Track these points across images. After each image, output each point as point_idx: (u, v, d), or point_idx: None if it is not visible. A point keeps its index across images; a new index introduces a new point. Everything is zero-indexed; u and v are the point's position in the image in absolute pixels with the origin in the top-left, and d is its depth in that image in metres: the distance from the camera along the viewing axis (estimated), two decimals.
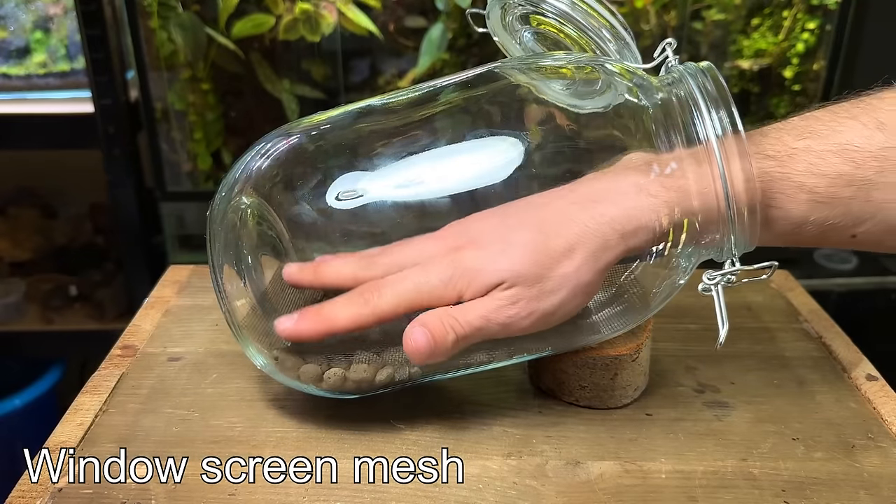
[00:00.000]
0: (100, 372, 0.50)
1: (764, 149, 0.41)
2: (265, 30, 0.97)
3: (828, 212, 0.40)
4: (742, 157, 0.39)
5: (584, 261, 0.40)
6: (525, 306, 0.40)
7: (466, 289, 0.41)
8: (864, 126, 0.40)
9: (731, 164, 0.39)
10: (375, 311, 0.41)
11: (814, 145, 0.40)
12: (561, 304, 0.41)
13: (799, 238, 0.42)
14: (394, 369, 0.43)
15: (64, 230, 1.30)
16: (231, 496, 0.40)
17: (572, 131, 0.44)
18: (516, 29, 0.48)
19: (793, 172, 0.40)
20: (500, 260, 0.40)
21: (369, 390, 0.44)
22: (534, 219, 0.41)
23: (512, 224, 0.42)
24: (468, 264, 0.41)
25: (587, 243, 0.40)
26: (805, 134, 0.41)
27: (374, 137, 0.45)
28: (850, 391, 0.50)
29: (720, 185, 0.39)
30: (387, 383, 0.43)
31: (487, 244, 0.41)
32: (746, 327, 0.56)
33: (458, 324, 0.40)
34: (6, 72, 1.07)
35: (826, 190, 0.40)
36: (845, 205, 0.40)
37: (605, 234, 0.40)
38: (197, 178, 1.05)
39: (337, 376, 0.43)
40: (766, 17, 1.01)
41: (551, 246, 0.40)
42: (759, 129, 0.42)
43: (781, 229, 0.41)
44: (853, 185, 0.39)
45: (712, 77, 0.41)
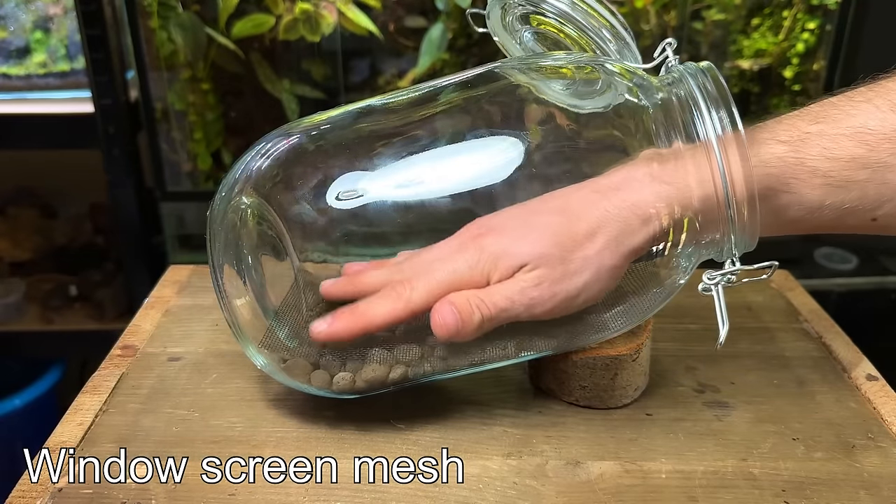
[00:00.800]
0: (100, 372, 0.50)
1: (777, 135, 0.41)
2: (265, 30, 0.97)
3: (844, 195, 0.40)
4: (742, 157, 0.39)
5: (607, 244, 0.40)
6: (548, 288, 0.41)
7: (493, 271, 0.41)
8: (878, 108, 0.40)
9: (732, 165, 0.39)
10: (409, 304, 0.42)
11: (827, 129, 0.40)
12: (584, 287, 0.41)
13: (817, 223, 0.41)
14: (407, 367, 0.43)
15: (64, 230, 1.30)
16: (231, 496, 0.40)
17: (572, 131, 0.44)
18: (516, 29, 0.48)
19: (806, 157, 0.40)
20: (524, 243, 0.41)
21: (381, 388, 0.44)
22: (555, 206, 0.42)
23: (534, 209, 0.42)
24: (493, 248, 0.41)
25: (609, 227, 0.40)
26: (819, 118, 0.40)
27: (374, 137, 0.45)
28: (850, 391, 0.50)
29: (720, 185, 0.39)
30: (399, 381, 0.44)
31: (510, 230, 0.42)
32: (746, 327, 0.56)
33: (483, 305, 0.41)
34: (6, 72, 1.07)
35: (840, 174, 0.39)
36: (861, 188, 0.40)
37: (626, 219, 0.40)
38: (197, 178, 1.05)
39: (346, 380, 0.43)
40: (767, 17, 1.01)
41: (574, 229, 0.41)
42: (776, 117, 0.42)
43: (796, 215, 0.41)
44: (868, 168, 0.39)
45: (712, 77, 0.41)
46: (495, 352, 0.44)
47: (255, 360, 0.45)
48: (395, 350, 0.43)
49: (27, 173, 1.30)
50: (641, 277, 0.44)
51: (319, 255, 0.45)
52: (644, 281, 0.44)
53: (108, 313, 1.20)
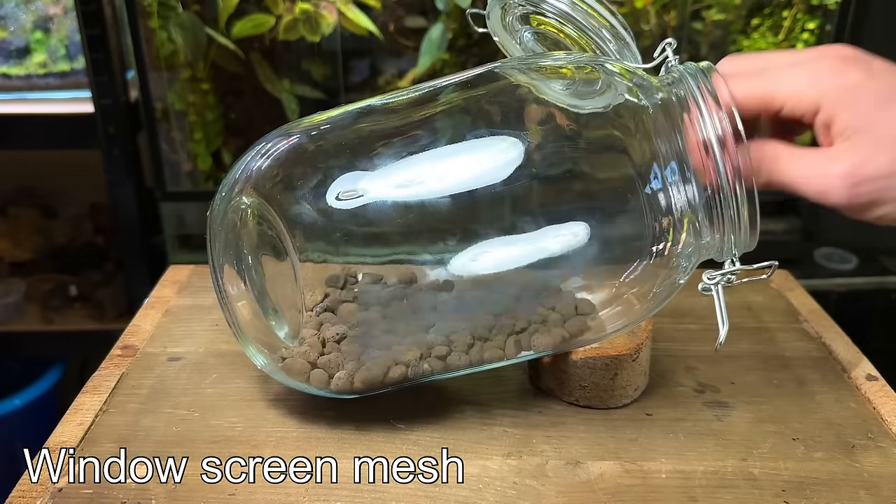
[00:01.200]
0: (100, 372, 0.50)
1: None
2: (265, 30, 0.97)
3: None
4: (743, 157, 0.39)
5: None
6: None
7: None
8: None
9: (732, 163, 0.39)
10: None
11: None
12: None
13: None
14: (406, 367, 0.43)
15: (64, 230, 1.30)
16: (231, 496, 0.40)
17: (572, 131, 0.44)
18: (516, 29, 0.48)
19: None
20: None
21: (380, 388, 0.44)
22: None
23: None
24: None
25: None
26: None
27: (374, 137, 0.45)
28: (850, 391, 0.50)
29: (721, 185, 0.39)
30: (398, 381, 0.44)
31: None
32: (746, 327, 0.56)
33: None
34: (6, 72, 1.07)
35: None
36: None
37: None
38: (197, 178, 1.05)
39: (344, 380, 0.43)
40: (766, 17, 1.01)
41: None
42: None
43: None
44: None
45: (713, 77, 0.40)
46: (495, 352, 0.44)
47: (255, 360, 0.45)
48: (393, 350, 0.43)
49: (27, 173, 1.30)
50: (641, 277, 0.44)
51: (319, 255, 0.44)
52: (644, 280, 0.44)
53: (108, 313, 1.20)
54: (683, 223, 0.41)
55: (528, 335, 0.44)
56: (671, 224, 0.41)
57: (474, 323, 0.45)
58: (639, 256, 0.43)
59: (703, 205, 0.40)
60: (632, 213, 0.42)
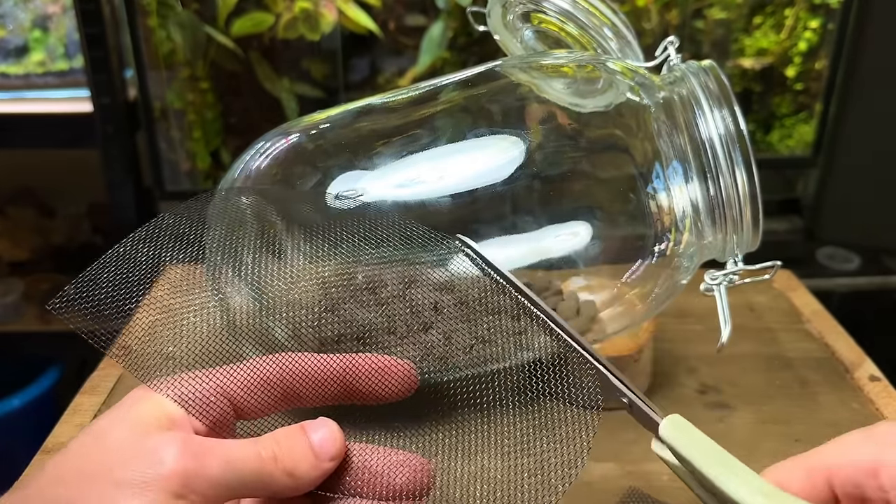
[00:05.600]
0: (98, 372, 0.50)
1: None
2: (264, 28, 0.97)
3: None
4: (743, 156, 0.38)
5: None
6: None
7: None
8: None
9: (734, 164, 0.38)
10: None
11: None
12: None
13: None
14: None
15: (62, 230, 1.29)
16: None
17: (574, 130, 0.43)
18: (517, 27, 0.48)
19: None
20: None
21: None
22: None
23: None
24: None
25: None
26: None
27: (373, 136, 0.44)
28: (852, 392, 0.49)
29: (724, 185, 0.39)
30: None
31: None
32: (749, 328, 0.56)
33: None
34: (5, 71, 1.07)
35: None
36: None
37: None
38: (196, 177, 1.05)
39: None
40: (769, 15, 1.01)
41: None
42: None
43: None
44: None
45: (714, 76, 0.40)
46: (494, 352, 0.44)
47: None
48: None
49: (25, 173, 1.30)
50: (643, 277, 0.44)
51: (318, 254, 0.44)
52: (645, 281, 0.44)
53: None
54: (685, 223, 0.41)
55: (529, 335, 0.44)
56: (673, 224, 0.41)
57: (474, 323, 0.44)
58: (640, 256, 0.42)
59: (705, 205, 0.40)
60: (633, 212, 0.42)
